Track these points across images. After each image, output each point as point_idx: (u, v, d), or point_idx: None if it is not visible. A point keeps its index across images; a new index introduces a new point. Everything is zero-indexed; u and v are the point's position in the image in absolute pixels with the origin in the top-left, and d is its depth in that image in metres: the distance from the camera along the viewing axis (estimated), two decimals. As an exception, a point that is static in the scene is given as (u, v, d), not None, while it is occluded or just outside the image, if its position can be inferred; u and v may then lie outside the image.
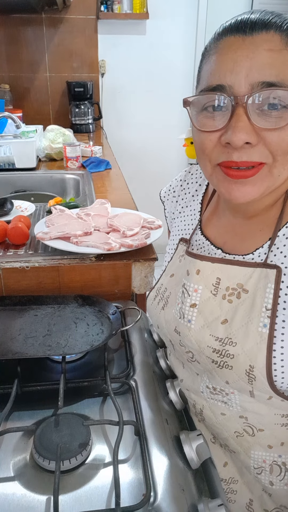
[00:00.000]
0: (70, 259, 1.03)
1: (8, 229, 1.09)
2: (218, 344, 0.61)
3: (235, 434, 0.67)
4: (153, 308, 0.75)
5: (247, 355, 0.58)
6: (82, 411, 0.69)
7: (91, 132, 2.78)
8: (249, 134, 0.50)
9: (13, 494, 0.56)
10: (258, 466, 0.67)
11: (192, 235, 0.72)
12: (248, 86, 0.49)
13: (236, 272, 0.61)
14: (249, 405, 0.63)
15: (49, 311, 0.90)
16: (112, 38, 2.81)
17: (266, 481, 0.68)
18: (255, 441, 0.66)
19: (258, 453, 0.66)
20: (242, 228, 0.64)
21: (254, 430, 0.65)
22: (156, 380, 0.77)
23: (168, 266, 0.75)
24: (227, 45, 0.51)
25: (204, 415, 0.71)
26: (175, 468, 0.59)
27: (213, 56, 0.53)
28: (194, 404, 0.73)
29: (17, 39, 2.69)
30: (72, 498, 0.55)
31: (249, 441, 0.66)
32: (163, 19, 2.80)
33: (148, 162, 3.19)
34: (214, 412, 0.69)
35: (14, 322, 0.86)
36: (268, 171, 0.53)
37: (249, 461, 0.68)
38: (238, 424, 0.66)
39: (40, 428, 0.63)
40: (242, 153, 0.51)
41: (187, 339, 0.65)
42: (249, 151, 0.51)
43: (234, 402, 0.65)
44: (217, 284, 0.62)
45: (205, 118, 0.54)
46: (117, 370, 0.79)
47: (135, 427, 0.64)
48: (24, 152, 1.85)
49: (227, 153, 0.53)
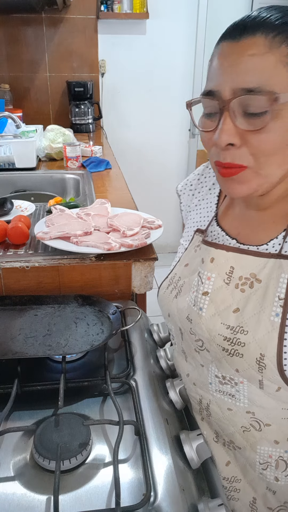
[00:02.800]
0: (70, 259, 1.03)
1: (8, 229, 1.09)
2: (229, 332, 0.62)
3: (242, 429, 0.67)
4: (165, 297, 0.76)
5: (258, 343, 0.59)
6: (82, 411, 0.70)
7: (91, 132, 2.78)
8: (231, 136, 0.53)
9: (13, 493, 0.56)
10: (264, 461, 0.67)
11: (208, 226, 0.73)
12: (232, 92, 0.53)
13: (250, 261, 0.62)
14: (257, 398, 0.64)
15: (49, 311, 0.90)
16: (112, 38, 2.81)
17: (271, 477, 0.68)
18: (261, 436, 0.66)
19: (265, 448, 0.66)
20: (255, 220, 0.66)
21: (261, 424, 0.65)
22: (156, 380, 0.77)
23: (182, 256, 0.76)
24: (221, 51, 0.55)
25: (210, 410, 0.71)
26: (175, 468, 0.59)
27: (213, 60, 0.57)
28: (200, 399, 0.73)
29: (17, 39, 2.69)
30: (72, 498, 0.55)
31: (256, 436, 0.67)
32: (163, 19, 2.80)
33: (148, 161, 3.19)
34: (220, 407, 0.69)
35: (14, 322, 0.86)
36: (253, 172, 0.56)
37: (255, 457, 0.68)
38: (245, 419, 0.67)
39: (40, 428, 0.63)
40: (226, 154, 0.55)
41: (198, 326, 0.66)
42: (232, 153, 0.55)
43: (242, 394, 0.65)
44: (230, 273, 0.64)
45: (204, 118, 0.58)
46: (117, 370, 0.79)
47: (135, 427, 0.65)
48: (24, 152, 1.85)
49: (217, 153, 0.57)
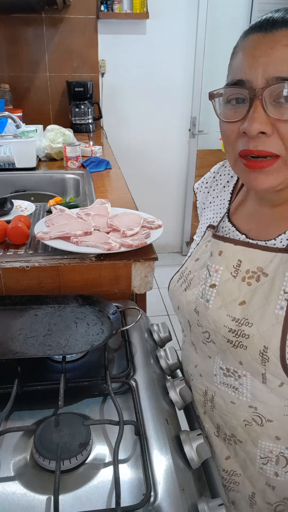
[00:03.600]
0: (70, 259, 1.03)
1: (8, 229, 1.09)
2: (234, 324, 0.63)
3: (244, 423, 0.68)
4: (175, 290, 0.77)
5: (262, 336, 0.59)
6: (82, 411, 0.69)
7: (91, 132, 2.78)
8: (263, 124, 0.53)
9: (13, 493, 0.56)
10: (265, 456, 0.68)
11: (220, 222, 0.74)
12: (264, 81, 0.53)
13: (257, 255, 0.63)
14: (260, 393, 0.64)
15: (49, 311, 0.90)
16: (112, 38, 2.81)
17: (271, 472, 0.68)
18: (263, 431, 0.67)
19: (266, 444, 0.67)
20: (267, 216, 0.66)
21: (263, 420, 0.66)
22: (156, 380, 0.77)
23: (194, 251, 0.78)
24: (250, 42, 0.55)
25: (215, 402, 0.72)
26: (175, 468, 0.59)
27: (238, 53, 0.57)
28: (206, 391, 0.74)
29: (17, 39, 2.69)
30: (72, 497, 0.55)
31: (257, 431, 0.67)
32: (163, 19, 2.80)
33: (148, 161, 3.19)
34: (224, 400, 0.70)
35: (14, 322, 0.86)
36: (283, 164, 0.56)
37: (256, 451, 0.69)
38: (247, 413, 0.67)
39: (40, 428, 0.63)
40: (257, 142, 0.55)
41: (205, 318, 0.67)
42: (264, 141, 0.54)
43: (245, 388, 0.66)
44: (237, 266, 0.65)
45: (228, 110, 0.58)
46: (117, 370, 0.79)
47: (135, 427, 0.65)
48: (24, 152, 1.85)
49: (245, 142, 0.56)
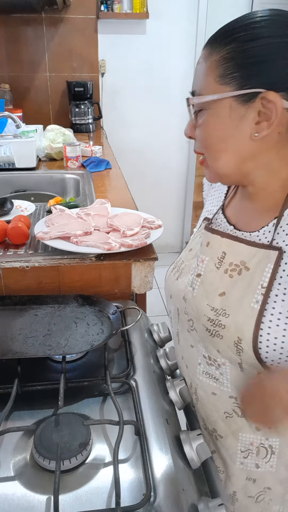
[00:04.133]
0: (70, 259, 1.03)
1: (8, 229, 1.09)
2: (213, 314, 0.66)
3: (225, 415, 0.70)
4: (169, 279, 0.80)
5: (236, 327, 0.62)
6: (82, 411, 0.70)
7: (91, 132, 2.78)
8: (189, 129, 0.65)
9: (13, 494, 0.56)
10: (245, 449, 0.70)
11: (215, 214, 0.78)
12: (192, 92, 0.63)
13: (241, 249, 0.65)
14: (239, 383, 0.66)
15: (49, 311, 0.90)
16: (112, 38, 2.81)
17: (252, 465, 0.70)
18: (243, 422, 0.68)
19: (246, 435, 0.69)
20: (249, 209, 0.69)
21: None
22: (156, 380, 0.77)
23: (189, 242, 0.81)
24: (201, 55, 0.63)
25: (198, 395, 0.74)
26: (175, 468, 0.59)
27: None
28: (191, 383, 0.76)
29: (17, 39, 2.69)
30: (72, 497, 0.55)
31: (238, 423, 0.69)
32: (163, 19, 2.80)
33: (148, 161, 3.19)
34: (206, 392, 0.72)
35: (14, 322, 0.86)
36: (208, 162, 0.65)
37: (236, 444, 0.70)
38: (228, 404, 0.69)
39: (40, 427, 0.63)
40: (194, 143, 0.66)
41: (190, 305, 0.71)
42: (195, 143, 0.66)
43: (225, 377, 0.67)
44: (222, 258, 0.68)
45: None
46: (117, 370, 0.79)
47: (135, 427, 0.65)
48: (24, 152, 1.85)
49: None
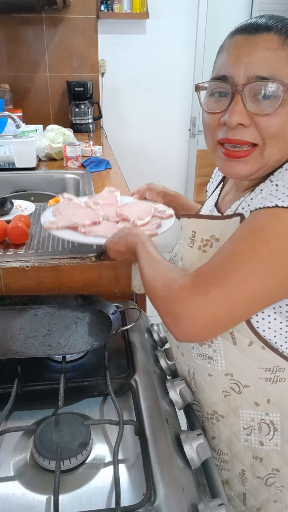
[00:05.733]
0: (70, 258, 1.03)
1: (8, 228, 1.09)
2: None
3: (223, 394, 0.71)
4: None
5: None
6: (82, 410, 0.70)
7: (91, 131, 2.78)
8: (242, 117, 0.60)
9: (13, 493, 0.56)
10: (248, 426, 0.70)
11: (204, 205, 0.81)
12: (245, 78, 0.59)
13: (209, 225, 0.69)
14: (233, 357, 0.67)
15: (49, 311, 0.90)
16: (112, 38, 2.81)
17: (256, 442, 0.71)
18: (242, 399, 0.69)
19: (247, 412, 0.70)
20: (234, 198, 0.73)
21: (240, 386, 0.69)
22: (156, 380, 0.77)
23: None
24: (234, 43, 0.61)
25: (196, 380, 0.76)
26: (175, 468, 0.59)
27: (223, 51, 0.63)
28: (188, 370, 0.77)
29: (17, 39, 2.69)
30: (72, 497, 0.55)
31: (237, 400, 0.70)
32: (163, 19, 2.80)
33: (148, 161, 3.19)
34: (202, 374, 0.73)
35: (14, 322, 0.86)
36: (260, 153, 0.62)
37: (239, 422, 0.71)
38: (224, 382, 0.70)
39: (40, 427, 0.63)
40: (236, 132, 0.61)
41: None
42: (242, 131, 0.61)
43: (219, 354, 0.68)
44: (192, 237, 0.71)
45: (212, 102, 0.64)
46: (117, 370, 0.79)
47: (135, 427, 0.65)
48: (24, 152, 1.85)
49: (225, 131, 0.63)
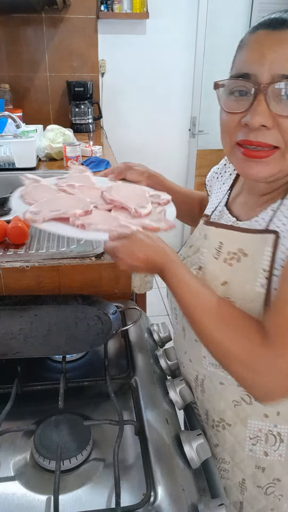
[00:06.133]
0: (70, 258, 1.03)
1: (8, 228, 1.09)
2: None
3: (233, 404, 0.70)
4: None
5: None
6: (82, 410, 0.69)
7: (91, 131, 2.78)
8: (265, 118, 0.56)
9: (13, 493, 0.56)
10: (254, 436, 0.69)
11: (216, 208, 0.77)
12: (270, 77, 0.55)
13: (237, 237, 0.65)
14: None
15: (49, 311, 0.90)
16: (112, 38, 2.81)
17: (260, 452, 0.70)
18: (252, 410, 0.68)
19: (255, 422, 0.69)
20: (254, 203, 0.69)
21: (252, 398, 0.67)
22: (156, 380, 0.77)
23: (188, 239, 0.80)
24: (257, 38, 0.57)
25: (204, 386, 0.73)
26: (175, 468, 0.59)
27: (246, 46, 0.59)
28: (197, 375, 0.75)
29: (17, 39, 2.69)
30: (72, 497, 0.55)
31: (246, 411, 0.69)
32: (163, 19, 2.80)
33: (148, 161, 3.15)
34: (213, 382, 0.71)
35: (14, 322, 0.86)
36: (281, 156, 0.58)
37: (245, 432, 0.70)
38: (236, 392, 0.68)
39: (40, 427, 0.63)
40: (258, 134, 0.57)
41: None
42: (264, 133, 0.57)
43: None
44: (219, 248, 0.68)
45: (231, 101, 0.60)
46: (117, 370, 0.79)
47: (135, 427, 0.65)
48: (24, 152, 1.85)
49: (245, 133, 0.59)
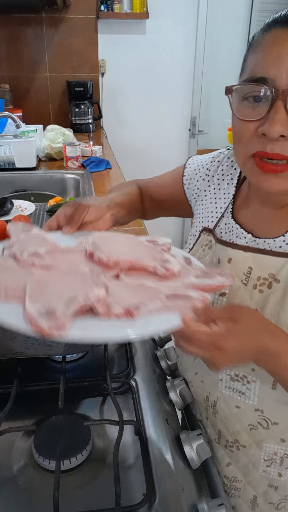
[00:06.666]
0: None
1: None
2: None
3: (249, 427, 0.67)
4: None
5: None
6: (82, 410, 0.70)
7: (91, 131, 2.78)
8: (285, 127, 0.50)
9: (13, 493, 0.56)
10: (269, 458, 0.67)
11: (219, 220, 0.71)
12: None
13: (268, 262, 0.60)
14: (268, 397, 0.63)
15: (49, 311, 0.90)
16: (112, 38, 2.81)
17: (274, 473, 0.68)
18: (269, 434, 0.66)
19: (271, 446, 0.66)
20: (270, 216, 0.64)
21: (269, 423, 0.65)
22: (156, 380, 0.77)
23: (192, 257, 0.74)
24: (274, 38, 0.51)
25: (217, 408, 0.70)
26: (175, 468, 0.59)
27: (259, 46, 0.53)
28: (207, 396, 0.71)
29: (17, 39, 2.69)
30: (72, 497, 0.55)
31: (263, 434, 0.66)
32: (163, 19, 2.80)
33: (148, 161, 3.19)
34: (228, 405, 0.68)
35: (14, 322, 0.85)
36: None
37: (260, 454, 0.67)
38: (252, 417, 0.66)
39: (40, 427, 0.63)
40: (275, 145, 0.51)
41: None
42: (283, 144, 0.51)
43: (252, 392, 0.64)
44: (248, 274, 0.62)
45: (245, 107, 0.54)
46: (117, 370, 0.79)
47: (135, 427, 0.65)
48: (24, 152, 1.85)
49: (262, 144, 0.53)
